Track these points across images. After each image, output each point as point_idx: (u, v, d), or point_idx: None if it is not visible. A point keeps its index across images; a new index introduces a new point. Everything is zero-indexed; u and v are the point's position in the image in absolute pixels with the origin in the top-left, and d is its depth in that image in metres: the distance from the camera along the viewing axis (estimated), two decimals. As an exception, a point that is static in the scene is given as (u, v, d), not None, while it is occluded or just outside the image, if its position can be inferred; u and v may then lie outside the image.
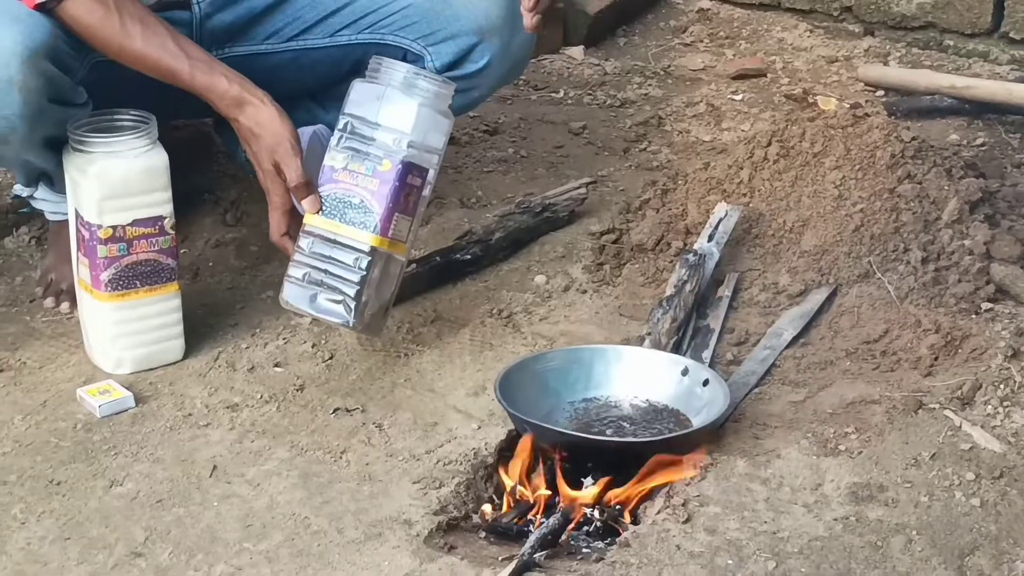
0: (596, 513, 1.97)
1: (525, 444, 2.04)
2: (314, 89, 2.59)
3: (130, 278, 2.24)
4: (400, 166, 2.17)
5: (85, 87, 2.29)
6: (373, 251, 2.18)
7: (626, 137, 3.18)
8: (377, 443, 2.13)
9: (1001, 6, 3.55)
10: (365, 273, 2.18)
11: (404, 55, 2.48)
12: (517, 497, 2.01)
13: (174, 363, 2.32)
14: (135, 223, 2.22)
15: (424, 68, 2.41)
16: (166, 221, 2.25)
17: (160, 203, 2.24)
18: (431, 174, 2.22)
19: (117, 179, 2.20)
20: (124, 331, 2.27)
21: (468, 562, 1.87)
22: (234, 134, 2.66)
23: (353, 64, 2.49)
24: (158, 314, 2.29)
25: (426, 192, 2.23)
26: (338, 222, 2.18)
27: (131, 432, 2.16)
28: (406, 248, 2.24)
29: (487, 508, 2.02)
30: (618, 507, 1.99)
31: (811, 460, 2.05)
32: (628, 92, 3.42)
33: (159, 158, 2.24)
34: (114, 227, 2.21)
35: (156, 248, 2.25)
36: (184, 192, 2.81)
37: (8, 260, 2.66)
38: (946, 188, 2.51)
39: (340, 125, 2.21)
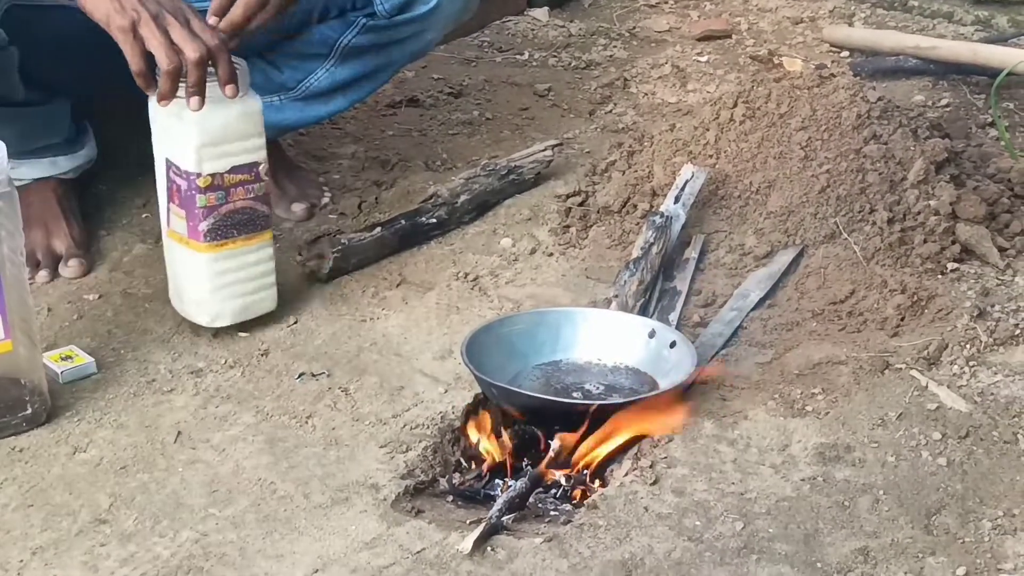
0: (562, 479, 1.97)
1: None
2: (263, 47, 2.52)
3: (228, 227, 2.19)
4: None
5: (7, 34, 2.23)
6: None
7: (591, 99, 3.17)
8: (343, 408, 2.12)
9: (965, -34, 3.55)
10: None
11: (353, 1, 2.44)
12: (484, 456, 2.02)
13: (269, 313, 2.30)
14: (232, 170, 2.17)
15: (375, 13, 2.40)
16: (261, 167, 2.20)
17: (256, 149, 2.19)
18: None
19: (216, 126, 2.14)
20: (222, 282, 2.23)
21: (436, 526, 1.87)
22: None
23: (303, 15, 2.44)
24: (255, 263, 2.25)
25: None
26: None
27: (94, 398, 2.14)
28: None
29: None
30: (585, 471, 1.98)
31: (778, 421, 2.05)
32: (593, 54, 3.41)
33: (254, 102, 2.19)
34: (213, 175, 2.15)
35: (252, 195, 2.20)
36: (145, 155, 2.79)
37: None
38: (912, 148, 2.51)
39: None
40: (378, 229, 2.50)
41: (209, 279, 2.22)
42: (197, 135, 2.13)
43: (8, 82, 2.24)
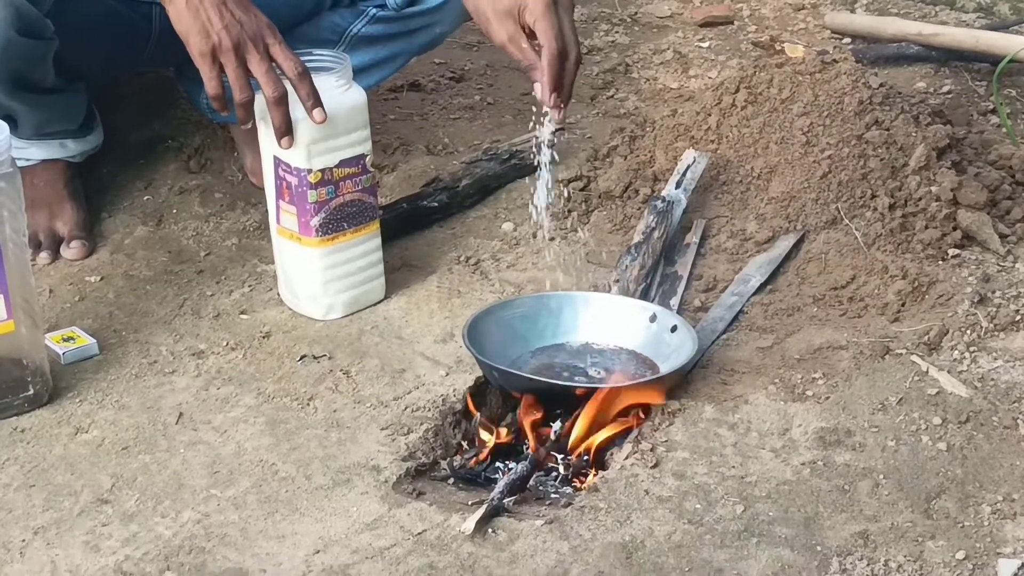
0: (561, 466, 1.97)
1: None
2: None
3: (338, 220, 2.21)
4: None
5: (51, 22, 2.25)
6: None
7: (593, 84, 3.16)
8: (345, 390, 2.12)
9: (968, -47, 3.54)
10: None
11: None
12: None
13: (379, 302, 2.32)
14: (341, 164, 2.18)
15: (385, 4, 2.39)
16: (367, 159, 2.22)
17: (362, 141, 2.21)
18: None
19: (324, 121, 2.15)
20: (334, 275, 2.25)
21: (437, 507, 1.87)
22: (195, 81, 2.64)
23: (315, 4, 2.45)
24: (363, 254, 2.27)
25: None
26: None
27: (95, 379, 2.14)
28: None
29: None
30: (586, 456, 1.99)
31: (779, 405, 2.05)
32: (595, 39, 3.40)
33: (359, 95, 2.20)
34: (323, 170, 2.17)
35: (360, 187, 2.22)
36: (147, 139, 2.80)
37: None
38: (913, 135, 2.51)
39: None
40: (380, 212, 2.50)
41: (321, 273, 2.24)
42: (306, 132, 2.14)
43: (43, 69, 2.24)
